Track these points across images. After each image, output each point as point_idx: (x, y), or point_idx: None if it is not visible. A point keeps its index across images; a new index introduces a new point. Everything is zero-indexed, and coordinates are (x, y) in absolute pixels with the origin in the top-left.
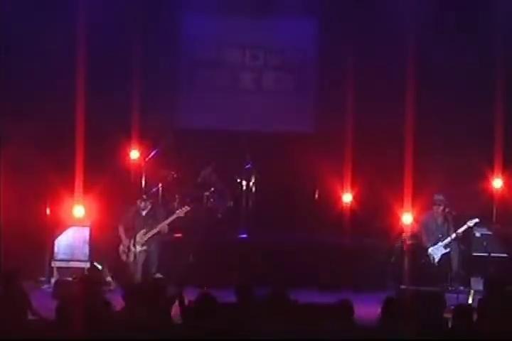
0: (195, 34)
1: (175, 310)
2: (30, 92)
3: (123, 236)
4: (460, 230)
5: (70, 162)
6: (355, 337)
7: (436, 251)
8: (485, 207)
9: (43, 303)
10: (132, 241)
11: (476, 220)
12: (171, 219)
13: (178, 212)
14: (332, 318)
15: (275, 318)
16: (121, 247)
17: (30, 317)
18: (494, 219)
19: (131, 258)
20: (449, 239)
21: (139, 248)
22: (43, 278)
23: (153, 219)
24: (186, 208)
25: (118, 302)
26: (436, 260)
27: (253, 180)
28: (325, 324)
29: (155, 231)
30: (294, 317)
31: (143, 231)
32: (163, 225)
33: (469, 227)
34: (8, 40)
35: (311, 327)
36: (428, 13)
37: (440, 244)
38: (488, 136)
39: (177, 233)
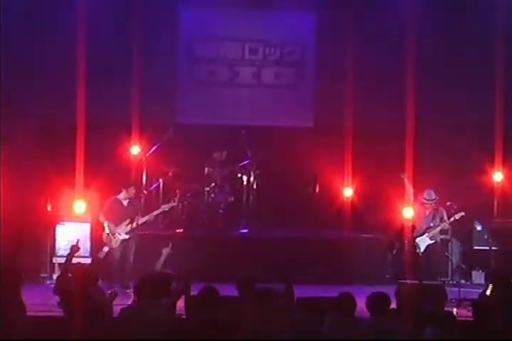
0: (194, 29)
1: (179, 303)
2: (32, 88)
3: (107, 223)
4: (446, 223)
5: (70, 158)
6: (357, 331)
7: (422, 242)
8: (486, 200)
9: (45, 299)
10: (118, 229)
11: (462, 214)
12: (156, 212)
13: (163, 206)
14: (334, 312)
15: (277, 312)
16: (106, 233)
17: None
18: (495, 212)
19: (116, 244)
20: (435, 230)
21: (124, 235)
22: (44, 275)
23: (133, 209)
24: (172, 203)
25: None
26: (421, 250)
27: (253, 175)
28: (327, 317)
29: (140, 222)
30: (296, 311)
31: (127, 221)
32: (149, 217)
33: (455, 220)
34: (8, 35)
35: (314, 321)
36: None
37: (426, 235)
38: (488, 129)
39: (178, 228)
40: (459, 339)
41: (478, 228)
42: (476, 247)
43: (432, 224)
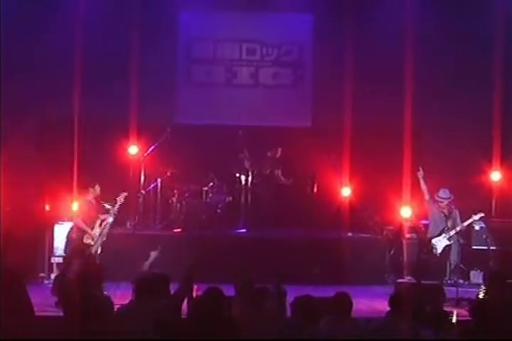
0: (192, 30)
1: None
2: (30, 89)
3: (86, 227)
4: (465, 223)
5: (68, 158)
6: (354, 331)
7: (440, 243)
8: (484, 200)
9: (43, 299)
10: (95, 232)
11: (482, 214)
12: (116, 207)
13: (118, 199)
14: (331, 312)
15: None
16: (86, 239)
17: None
18: (493, 212)
19: (98, 249)
20: (453, 231)
21: (101, 238)
22: (42, 274)
23: (100, 208)
24: (124, 194)
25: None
26: (439, 251)
27: (251, 175)
28: (324, 318)
29: (110, 220)
30: (292, 312)
31: (99, 221)
32: (112, 213)
33: (474, 221)
34: (6, 37)
35: (310, 321)
36: (425, 6)
37: (444, 235)
38: (486, 129)
39: (176, 228)
40: (458, 340)
41: (477, 228)
42: (474, 247)
43: (448, 225)
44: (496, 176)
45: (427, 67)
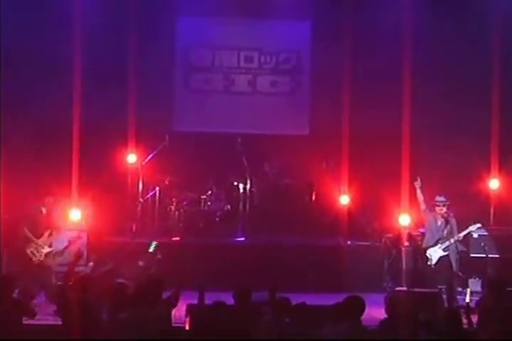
0: (190, 37)
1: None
2: (29, 95)
3: (31, 236)
4: (461, 234)
5: (67, 166)
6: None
7: (435, 253)
8: (482, 208)
9: (41, 308)
10: (40, 242)
11: (479, 225)
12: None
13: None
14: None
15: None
16: (29, 248)
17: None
18: (491, 220)
19: (40, 259)
20: (449, 241)
21: (47, 249)
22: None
23: (52, 219)
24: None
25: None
26: (434, 262)
27: (250, 183)
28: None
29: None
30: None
31: (48, 231)
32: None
33: (471, 231)
34: (6, 41)
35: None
36: (422, 12)
37: (439, 246)
38: (485, 136)
39: (175, 236)
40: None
41: (475, 236)
42: (472, 255)
43: (444, 234)
44: (494, 184)
45: (426, 74)
